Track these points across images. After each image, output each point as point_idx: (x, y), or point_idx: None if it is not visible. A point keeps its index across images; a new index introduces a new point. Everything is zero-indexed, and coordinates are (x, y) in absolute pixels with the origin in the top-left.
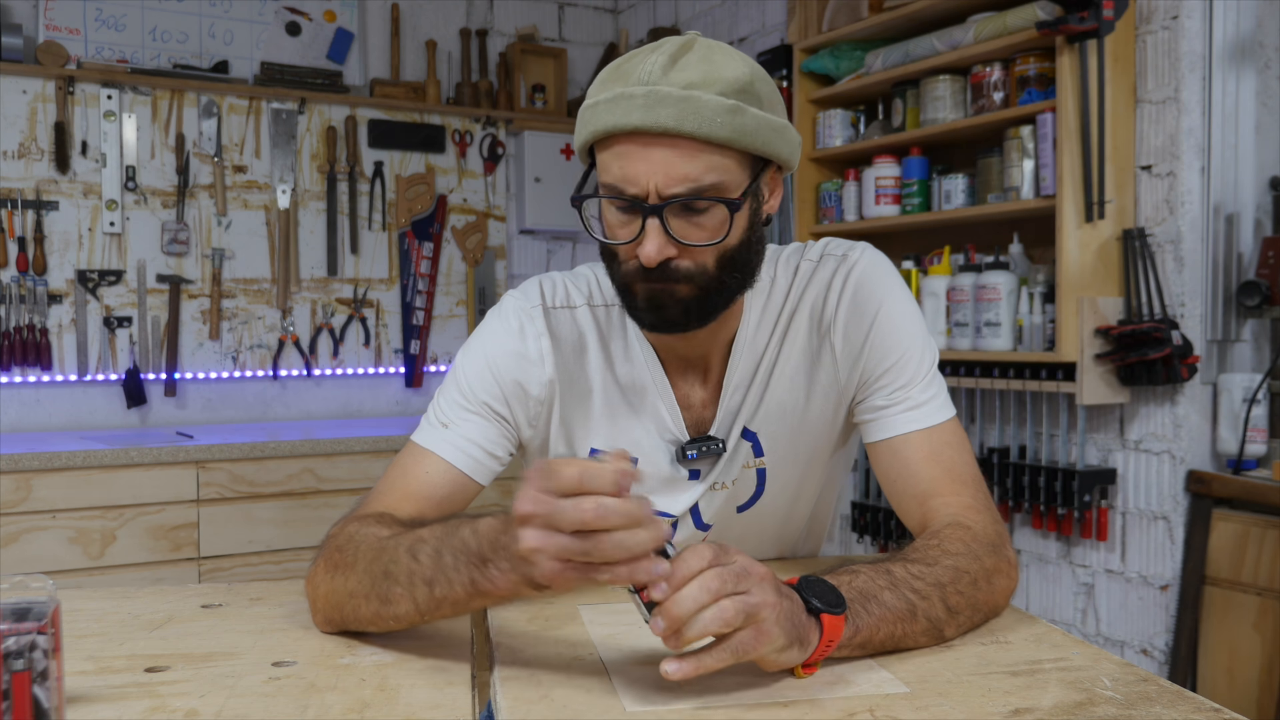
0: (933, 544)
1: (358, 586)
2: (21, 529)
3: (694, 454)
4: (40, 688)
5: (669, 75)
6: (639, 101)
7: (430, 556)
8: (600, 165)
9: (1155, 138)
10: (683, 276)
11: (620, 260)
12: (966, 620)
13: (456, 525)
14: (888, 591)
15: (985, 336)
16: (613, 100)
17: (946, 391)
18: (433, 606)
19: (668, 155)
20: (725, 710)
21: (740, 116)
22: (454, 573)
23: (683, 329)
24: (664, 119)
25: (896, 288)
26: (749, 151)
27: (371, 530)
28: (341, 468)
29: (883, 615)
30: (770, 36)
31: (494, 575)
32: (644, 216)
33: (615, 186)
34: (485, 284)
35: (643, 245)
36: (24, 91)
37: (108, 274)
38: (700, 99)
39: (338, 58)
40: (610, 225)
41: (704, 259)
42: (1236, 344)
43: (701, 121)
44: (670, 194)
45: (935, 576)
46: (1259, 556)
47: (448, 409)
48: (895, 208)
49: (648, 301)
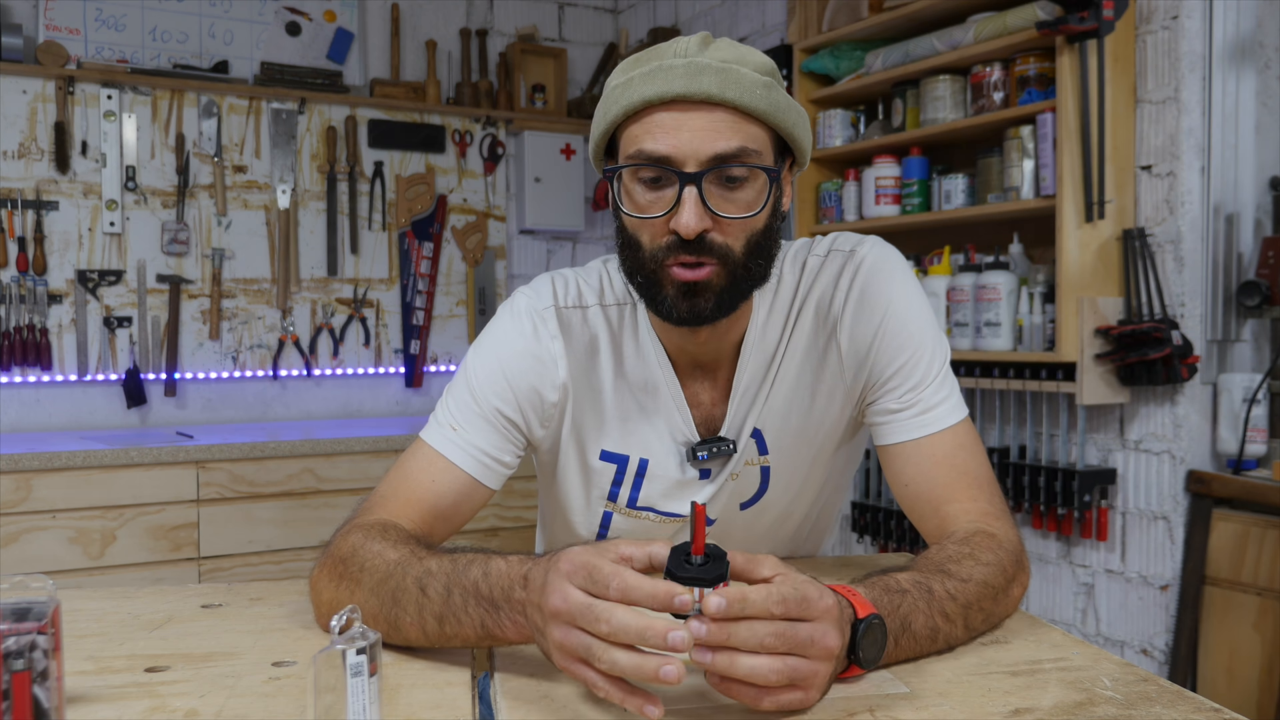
0: (965, 553)
1: (365, 605)
2: (21, 529)
3: (705, 455)
4: (40, 688)
5: (705, 52)
6: (679, 71)
7: (439, 594)
8: (629, 140)
9: (1155, 138)
10: (717, 253)
11: (647, 243)
12: (979, 634)
13: (467, 564)
14: (921, 616)
15: (985, 336)
16: (650, 73)
17: (959, 391)
18: (442, 640)
19: (708, 122)
20: (725, 710)
21: (774, 93)
22: (464, 614)
23: (711, 320)
24: (707, 85)
25: (906, 284)
26: (779, 130)
27: (378, 548)
28: (341, 468)
29: (908, 645)
30: (770, 36)
31: (505, 624)
32: (681, 186)
33: (649, 154)
34: (485, 284)
35: (679, 215)
36: (24, 91)
37: (108, 274)
38: (739, 71)
39: (338, 58)
40: (639, 205)
41: (736, 237)
42: (1236, 344)
43: (743, 91)
44: (712, 156)
45: (966, 596)
46: (1259, 556)
47: (457, 411)
48: (895, 208)
49: (680, 290)
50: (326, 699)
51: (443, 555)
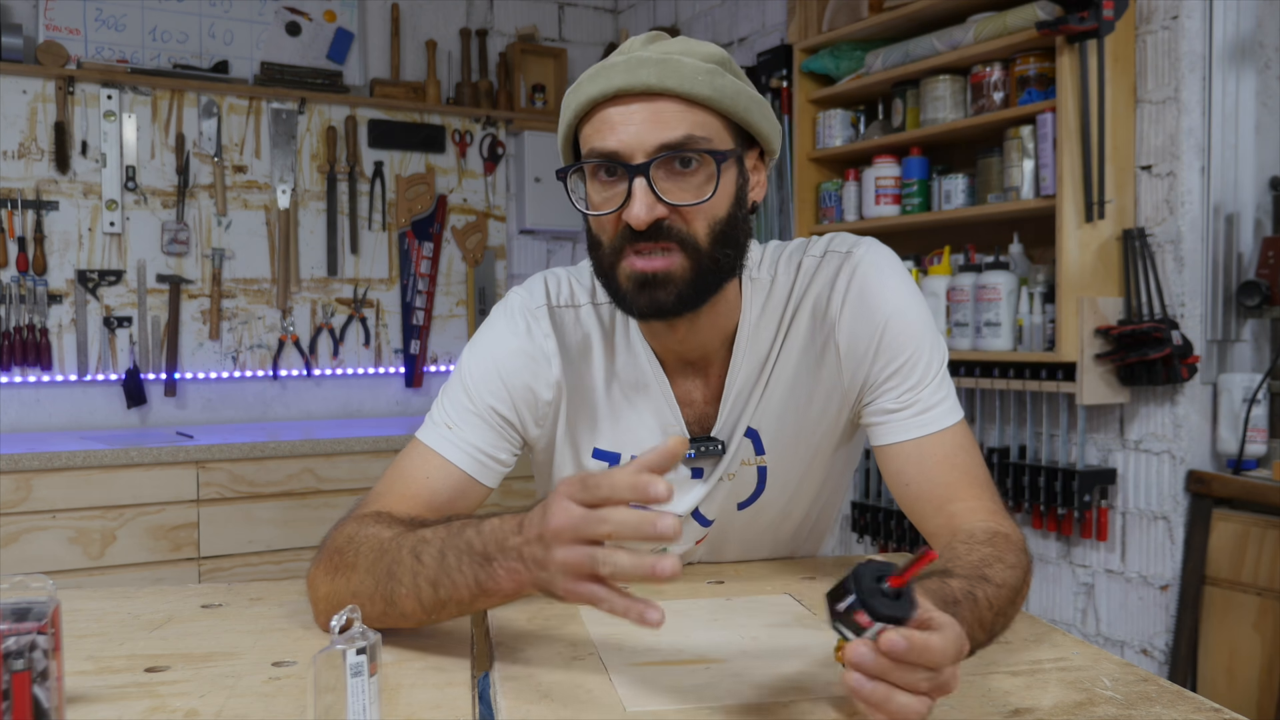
0: (996, 556)
1: (360, 587)
2: (21, 529)
3: (693, 454)
4: (40, 688)
5: (649, 48)
6: (619, 69)
7: (434, 557)
8: (583, 142)
9: (1155, 138)
10: (677, 238)
11: (606, 240)
12: (994, 639)
13: (461, 526)
14: (965, 626)
15: (985, 336)
16: (593, 75)
17: (955, 392)
18: (437, 606)
19: (651, 113)
20: (725, 710)
21: (719, 78)
22: (458, 573)
23: (674, 312)
24: (645, 77)
25: (903, 285)
26: (730, 117)
27: (372, 530)
28: (341, 468)
29: None
30: (770, 36)
31: (499, 574)
32: (630, 178)
33: (599, 151)
34: (485, 284)
35: (630, 207)
36: (24, 91)
37: (108, 274)
38: (680, 60)
39: (338, 58)
40: (595, 204)
41: (694, 224)
42: (1236, 344)
43: (682, 79)
44: (658, 145)
45: (1000, 604)
46: (1259, 556)
47: (452, 410)
48: (895, 208)
49: (637, 282)
50: (326, 699)
51: (437, 524)
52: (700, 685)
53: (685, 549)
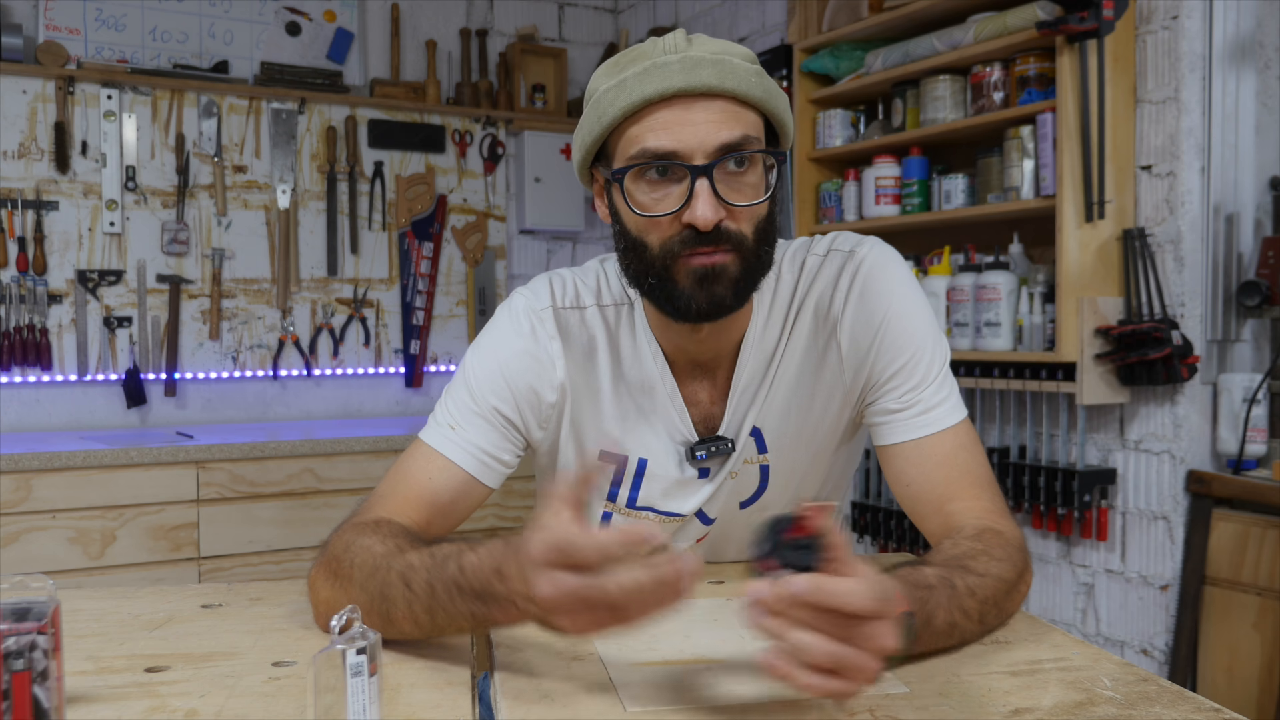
0: (980, 550)
1: (358, 600)
2: (21, 529)
3: (703, 454)
4: (40, 688)
5: (693, 46)
6: (675, 68)
7: (423, 588)
8: (628, 142)
9: (1155, 138)
10: (733, 241)
11: (656, 242)
12: (991, 630)
13: (444, 558)
14: (942, 612)
15: (985, 336)
16: (644, 72)
17: (958, 391)
18: (436, 631)
19: (710, 114)
20: (725, 710)
21: (765, 80)
22: (450, 606)
23: (730, 309)
24: (706, 78)
25: (906, 285)
26: (770, 116)
27: (367, 542)
28: (341, 468)
29: (927, 640)
30: (770, 36)
31: (495, 614)
32: (693, 179)
33: (654, 151)
34: (485, 284)
35: (695, 208)
36: (24, 91)
37: (108, 274)
38: (733, 61)
39: (338, 58)
40: (644, 205)
41: (747, 224)
42: (1236, 344)
43: (739, 80)
44: (719, 147)
45: (984, 592)
46: (1259, 556)
47: (456, 410)
48: (895, 208)
49: (698, 277)
50: (326, 699)
51: (422, 549)
52: (700, 685)
53: (685, 548)
